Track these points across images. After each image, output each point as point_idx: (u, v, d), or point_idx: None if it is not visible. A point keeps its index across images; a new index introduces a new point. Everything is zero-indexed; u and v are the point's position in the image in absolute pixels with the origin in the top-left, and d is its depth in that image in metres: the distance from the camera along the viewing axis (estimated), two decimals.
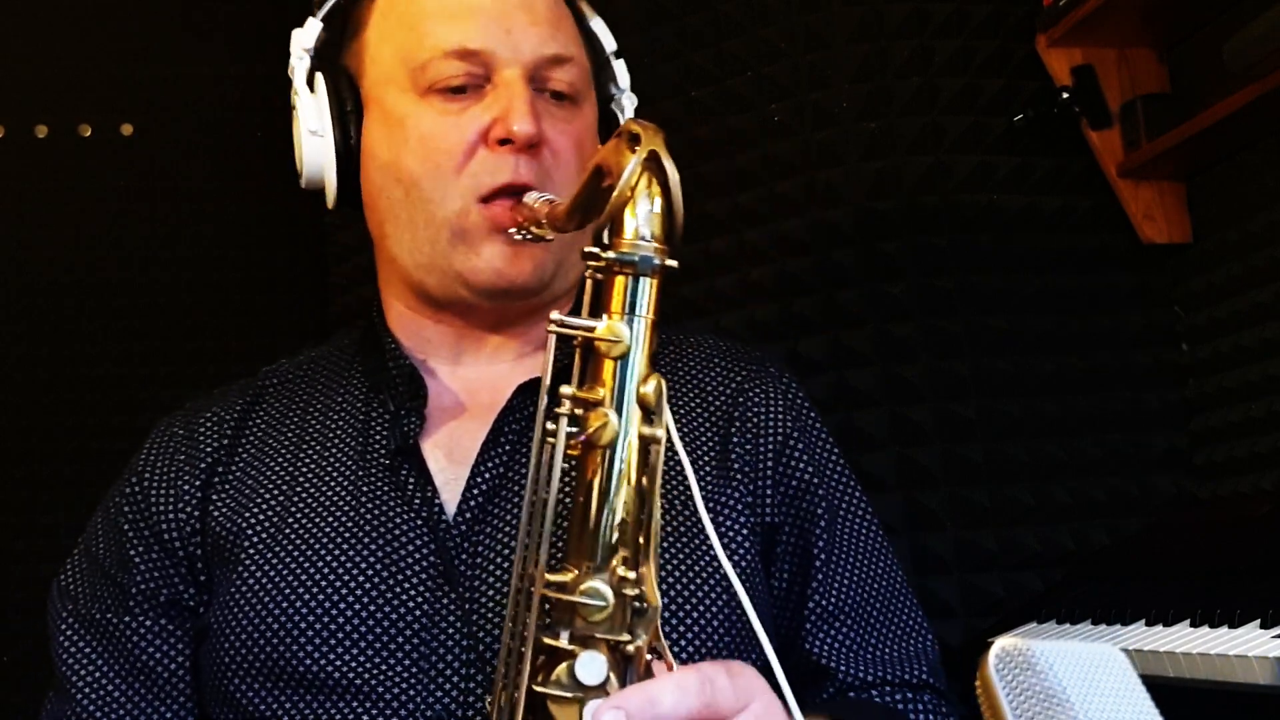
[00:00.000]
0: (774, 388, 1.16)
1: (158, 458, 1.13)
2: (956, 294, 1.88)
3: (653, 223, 0.80)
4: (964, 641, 1.77)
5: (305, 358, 1.22)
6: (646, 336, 0.80)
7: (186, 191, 2.25)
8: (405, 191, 1.09)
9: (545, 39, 1.10)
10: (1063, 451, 1.87)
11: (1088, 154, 1.93)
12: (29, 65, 2.20)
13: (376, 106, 1.12)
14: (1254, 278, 1.80)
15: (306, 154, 1.13)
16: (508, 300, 1.10)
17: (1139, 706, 0.80)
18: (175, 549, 1.08)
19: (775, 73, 1.94)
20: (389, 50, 1.12)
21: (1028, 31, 1.94)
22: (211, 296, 2.26)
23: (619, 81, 1.23)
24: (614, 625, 0.78)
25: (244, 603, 1.02)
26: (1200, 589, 1.48)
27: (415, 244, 1.09)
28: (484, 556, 1.02)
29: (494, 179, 1.06)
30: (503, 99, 1.07)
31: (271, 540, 1.04)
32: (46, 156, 2.21)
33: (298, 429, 1.12)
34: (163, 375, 2.21)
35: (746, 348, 1.21)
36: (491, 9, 1.09)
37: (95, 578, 1.10)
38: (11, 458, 2.17)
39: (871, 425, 1.84)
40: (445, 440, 1.09)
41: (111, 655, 1.07)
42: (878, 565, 1.14)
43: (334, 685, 0.98)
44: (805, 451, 1.13)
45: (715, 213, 1.96)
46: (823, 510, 1.12)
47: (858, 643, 1.09)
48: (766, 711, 0.78)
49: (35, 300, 2.20)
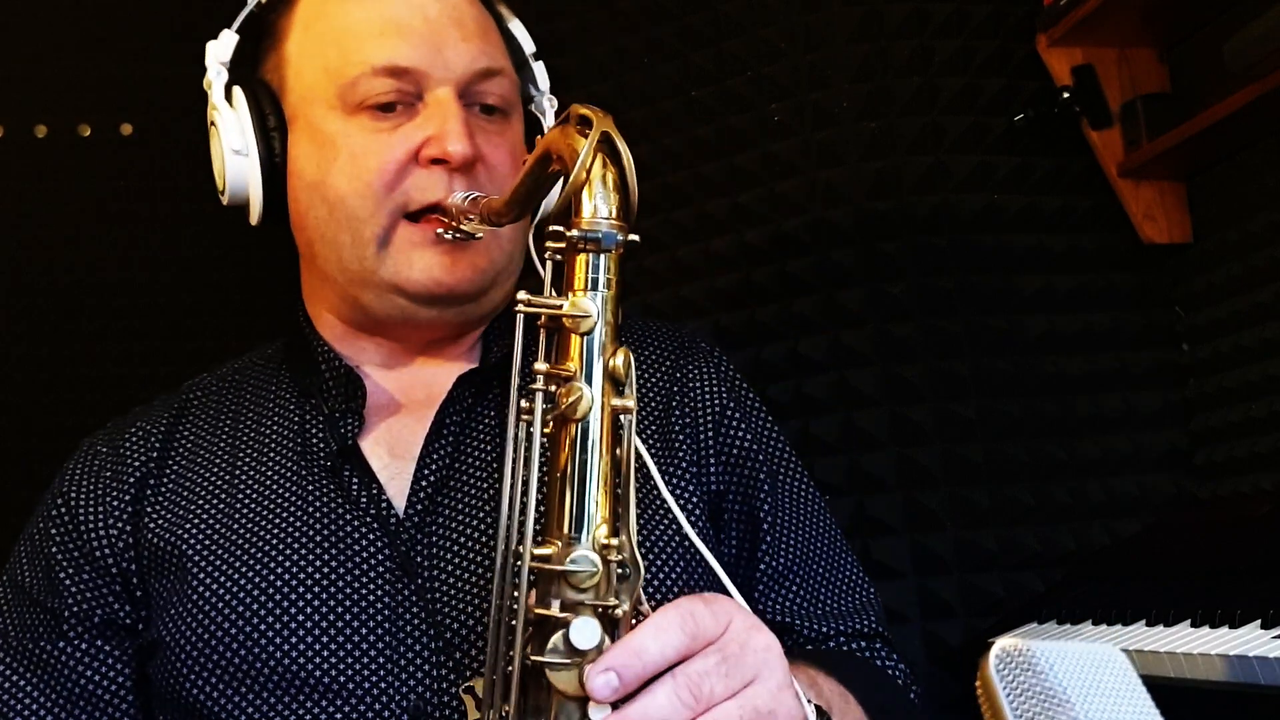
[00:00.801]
0: (707, 362, 1.19)
1: (82, 477, 1.12)
2: (956, 294, 1.88)
3: (610, 201, 0.82)
4: (964, 641, 1.77)
5: (227, 369, 1.22)
6: (611, 310, 0.83)
7: (186, 191, 2.24)
8: (330, 210, 1.08)
9: (476, 54, 1.10)
10: (1063, 451, 1.87)
11: (1088, 154, 1.93)
12: (29, 65, 2.19)
13: (302, 123, 1.11)
14: (1254, 278, 1.80)
15: (229, 172, 1.12)
16: (446, 307, 1.10)
17: (1139, 706, 0.81)
18: (108, 566, 1.06)
19: (775, 73, 1.94)
20: (314, 66, 1.11)
21: (1028, 31, 1.94)
22: (211, 296, 2.26)
23: (539, 84, 1.23)
24: (601, 591, 0.80)
25: (197, 611, 1.01)
26: (1200, 589, 1.49)
27: (346, 260, 1.09)
28: (439, 546, 1.03)
29: (424, 196, 1.06)
30: (436, 118, 1.07)
31: (218, 548, 1.04)
32: (46, 156, 2.20)
33: (230, 437, 1.12)
34: (163, 375, 2.20)
35: (674, 326, 1.24)
36: (421, 25, 1.09)
37: (24, 608, 1.08)
38: (11, 458, 2.17)
39: (871, 425, 1.84)
40: (385, 437, 1.10)
41: (49, 686, 1.05)
42: (820, 525, 1.17)
43: (302, 683, 0.98)
44: (742, 420, 1.16)
45: (715, 213, 1.96)
46: (764, 475, 1.15)
47: (810, 599, 1.13)
48: (747, 626, 0.80)
49: (35, 300, 2.19)
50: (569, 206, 0.82)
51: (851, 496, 1.83)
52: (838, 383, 1.87)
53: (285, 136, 1.11)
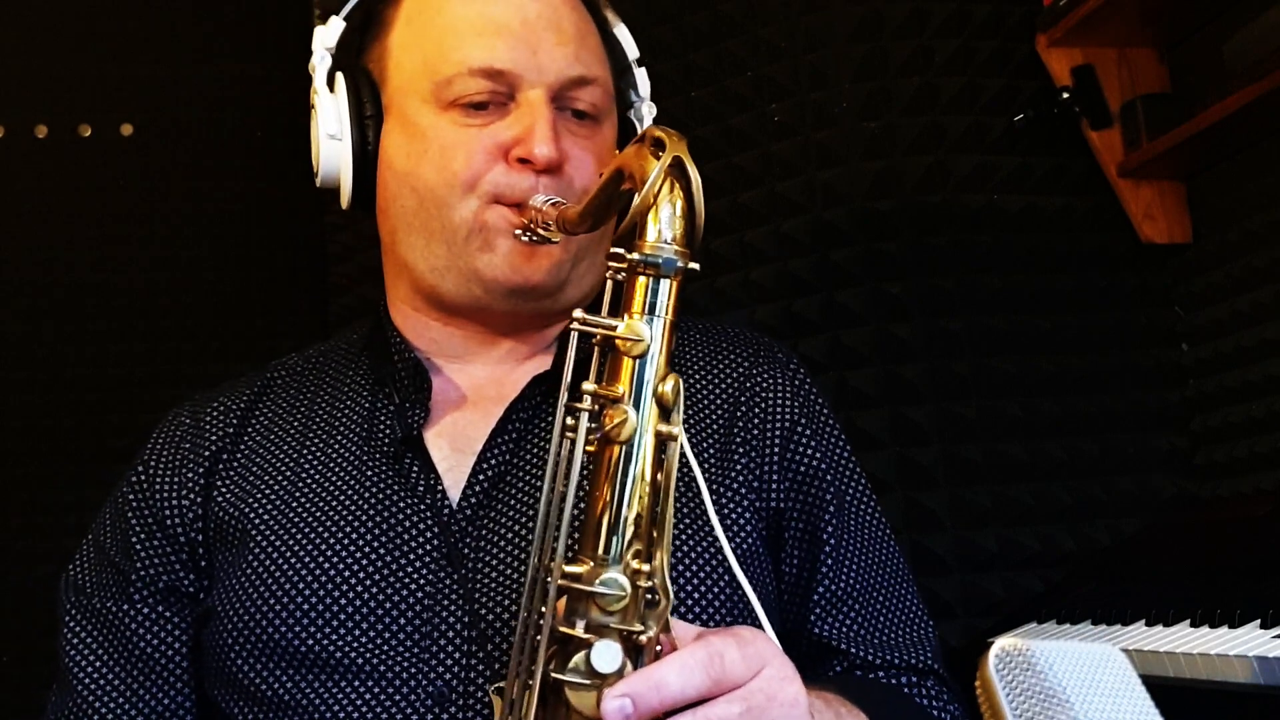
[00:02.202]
0: (782, 374, 1.17)
1: (164, 446, 1.15)
2: (956, 294, 1.88)
3: (675, 226, 0.83)
4: (964, 641, 1.78)
5: (314, 351, 1.24)
6: (665, 336, 0.83)
7: (186, 191, 2.25)
8: (419, 200, 1.10)
9: (570, 60, 1.11)
10: (1063, 451, 1.87)
11: (1088, 154, 1.93)
12: (29, 65, 2.20)
13: (397, 114, 1.12)
14: (1254, 278, 1.80)
15: (323, 156, 1.14)
16: (522, 300, 1.11)
17: (1139, 706, 0.81)
18: (177, 535, 1.10)
19: (775, 73, 1.94)
20: (413, 60, 1.12)
21: (1028, 31, 1.94)
22: (211, 296, 2.26)
23: (639, 89, 1.24)
24: (628, 616, 0.79)
25: (248, 585, 1.04)
26: (1200, 589, 1.48)
27: (429, 249, 1.11)
28: (487, 540, 1.04)
29: (510, 193, 1.08)
30: (525, 119, 1.08)
31: (276, 524, 1.06)
32: (46, 156, 2.20)
33: (304, 419, 1.14)
34: (163, 375, 2.21)
35: (754, 334, 1.22)
36: (519, 27, 1.10)
37: (101, 567, 1.12)
38: (12, 458, 2.17)
39: (871, 425, 1.84)
40: (449, 430, 1.11)
41: (111, 644, 1.09)
42: (884, 552, 1.16)
43: (335, 664, 0.99)
44: (813, 438, 1.15)
45: (716, 213, 1.95)
46: (831, 496, 1.13)
47: (865, 626, 1.11)
48: (779, 675, 0.80)
49: (35, 300, 2.20)
50: (635, 227, 0.83)
51: None
52: (838, 383, 1.87)
53: (380, 125, 1.13)
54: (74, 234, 2.20)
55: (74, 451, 2.24)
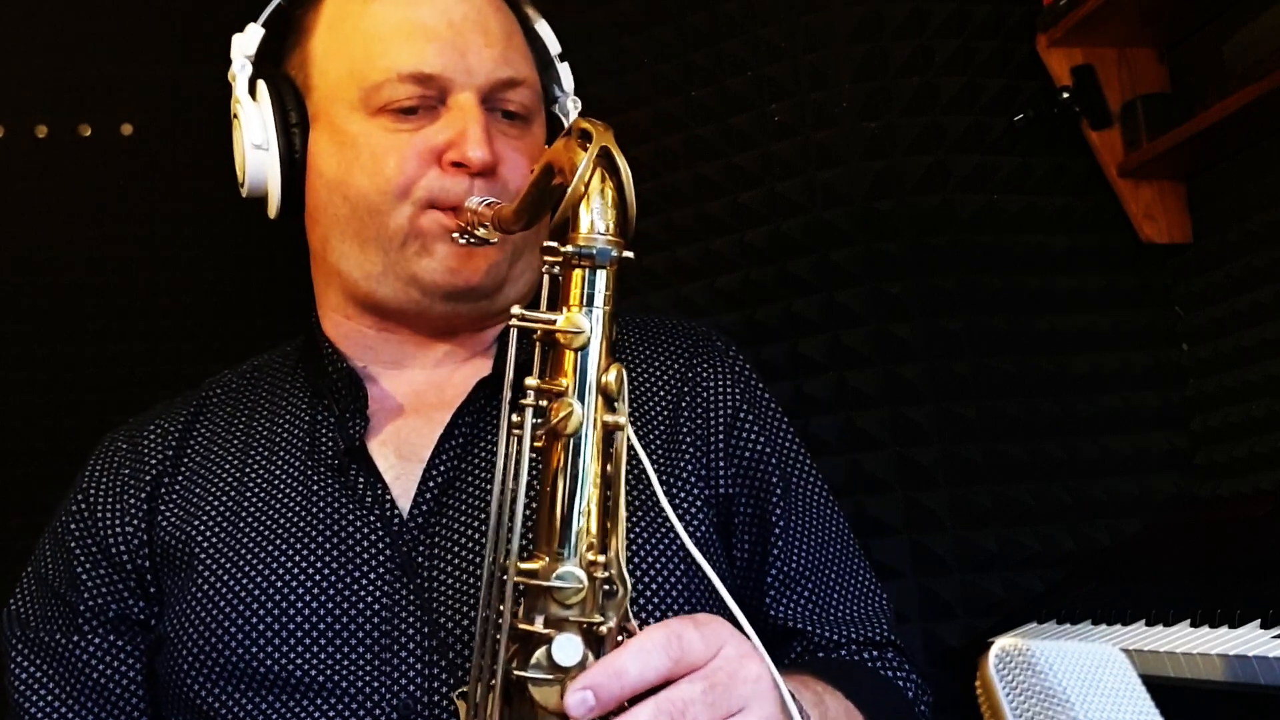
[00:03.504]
0: (721, 362, 1.18)
1: (102, 473, 1.13)
2: (956, 294, 1.88)
3: (607, 216, 0.83)
4: (964, 641, 1.77)
5: (248, 366, 1.23)
6: (605, 326, 0.83)
7: (186, 191, 2.25)
8: (352, 208, 1.09)
9: (499, 62, 1.11)
10: (1063, 451, 1.87)
11: (1088, 154, 1.93)
12: (29, 65, 2.19)
13: (324, 121, 1.12)
14: (1254, 278, 1.80)
15: (250, 166, 1.13)
16: (461, 302, 1.11)
17: (1139, 706, 0.81)
18: (123, 563, 1.08)
19: (775, 73, 1.94)
20: (338, 66, 1.11)
21: (1028, 31, 1.94)
22: (211, 296, 2.26)
23: (563, 84, 1.23)
24: (587, 608, 0.80)
25: (199, 608, 1.02)
26: (1200, 589, 1.48)
27: (364, 255, 1.10)
28: (441, 547, 1.03)
29: (446, 197, 1.07)
30: (457, 122, 1.08)
31: (224, 545, 1.05)
32: (46, 156, 2.20)
33: (244, 436, 1.13)
34: (163, 375, 2.21)
35: (690, 324, 1.23)
36: (446, 31, 1.09)
37: (45, 599, 1.10)
38: (12, 458, 2.17)
39: (871, 425, 1.84)
40: (394, 439, 1.10)
41: (63, 678, 1.07)
42: (832, 529, 1.17)
43: (295, 683, 0.98)
44: (756, 422, 1.15)
45: (715, 213, 1.96)
46: (777, 479, 1.14)
47: (821, 605, 1.12)
48: (739, 654, 0.80)
49: (35, 300, 2.19)
50: (568, 220, 0.83)
51: (851, 496, 1.83)
52: (838, 383, 1.87)
53: (306, 133, 1.13)
54: (74, 234, 2.20)
55: (74, 451, 2.23)
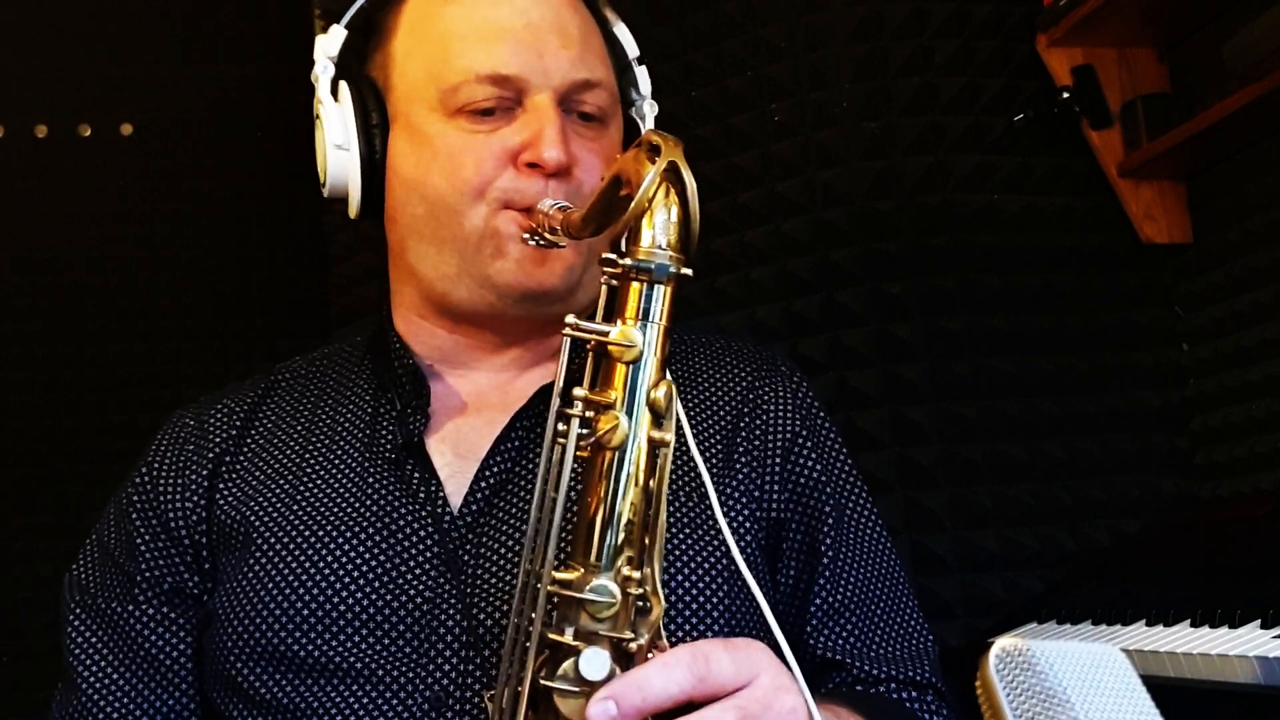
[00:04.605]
0: (784, 387, 1.17)
1: (168, 448, 1.15)
2: (956, 294, 1.88)
3: (669, 232, 0.83)
4: (964, 641, 1.77)
5: (318, 354, 1.24)
6: (659, 342, 0.82)
7: (186, 191, 2.25)
8: (429, 208, 1.09)
9: (576, 63, 1.11)
10: (1063, 451, 1.87)
11: (1088, 154, 1.93)
12: (29, 65, 2.20)
13: (403, 122, 1.12)
14: (1254, 278, 1.80)
15: (331, 166, 1.13)
16: (535, 305, 1.11)
17: (1139, 706, 0.80)
18: (181, 537, 1.10)
19: (775, 73, 1.94)
20: (417, 67, 1.11)
21: (1028, 31, 1.94)
22: (211, 296, 2.26)
23: (640, 88, 1.23)
24: (618, 623, 0.79)
25: (248, 588, 1.04)
26: (1200, 589, 1.48)
27: (440, 257, 1.10)
28: (488, 547, 1.04)
29: (521, 198, 1.07)
30: (533, 124, 1.07)
31: (277, 529, 1.06)
32: (46, 156, 2.21)
33: (307, 422, 1.14)
34: (163, 375, 2.21)
35: (757, 347, 1.22)
36: (524, 31, 1.09)
37: (105, 566, 1.12)
38: (11, 458, 2.17)
39: (871, 425, 1.84)
40: (452, 436, 1.11)
41: (116, 644, 1.09)
42: (883, 564, 1.15)
43: (334, 669, 0.99)
44: (813, 450, 1.14)
45: (716, 212, 1.96)
46: (830, 508, 1.12)
47: (864, 639, 1.10)
48: (775, 685, 0.79)
49: (35, 300, 2.20)
50: (630, 232, 0.83)
51: None
52: (838, 383, 1.87)
53: (386, 134, 1.13)
54: (74, 234, 2.20)
55: (74, 451, 2.24)
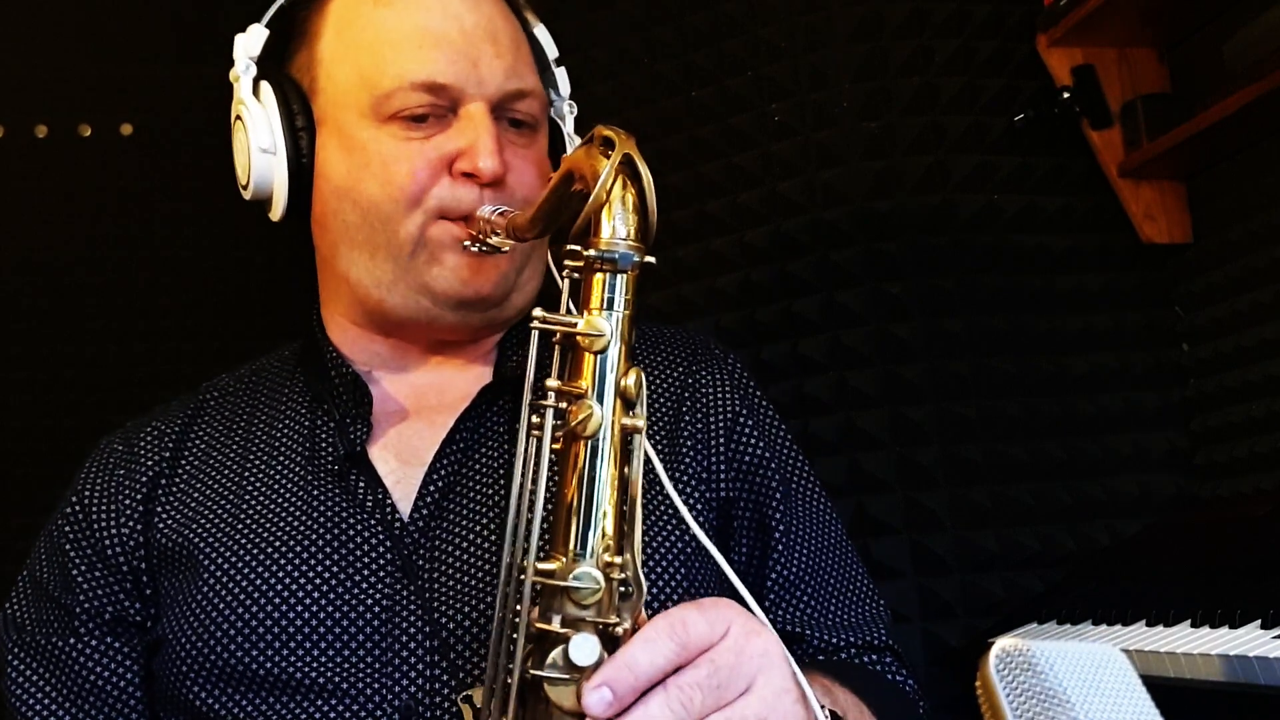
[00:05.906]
0: (720, 369, 1.19)
1: (98, 475, 1.13)
2: (956, 294, 1.88)
3: (629, 222, 0.83)
4: (964, 642, 1.78)
5: (245, 370, 1.23)
6: (625, 330, 0.84)
7: (186, 191, 2.25)
8: (362, 215, 1.09)
9: (510, 73, 1.11)
10: (1063, 451, 1.87)
11: (1088, 154, 1.93)
12: (29, 65, 2.19)
13: (332, 127, 1.11)
14: (1254, 278, 1.80)
15: (254, 169, 1.12)
16: (471, 311, 1.11)
17: (1139, 706, 0.81)
18: (119, 564, 1.08)
19: (775, 73, 1.94)
20: (347, 71, 1.10)
21: (1028, 31, 1.94)
22: (211, 296, 2.26)
23: (560, 89, 1.23)
24: (603, 609, 0.80)
25: (199, 610, 1.02)
26: (1200, 589, 1.48)
27: (374, 264, 1.10)
28: (443, 550, 1.03)
29: (458, 207, 1.07)
30: (468, 132, 1.07)
31: (223, 548, 1.05)
32: (46, 156, 2.20)
33: (243, 439, 1.13)
34: (163, 375, 2.21)
35: (687, 332, 1.24)
36: (458, 39, 1.09)
37: (41, 603, 1.10)
38: (11, 458, 2.17)
39: (871, 425, 1.84)
40: (394, 442, 1.10)
41: (60, 682, 1.07)
42: (831, 534, 1.17)
43: (295, 685, 0.98)
44: (755, 428, 1.16)
45: (716, 213, 1.96)
46: (777, 483, 1.14)
47: (820, 609, 1.12)
48: (745, 631, 0.80)
49: (35, 300, 2.19)
50: (589, 225, 0.83)
51: (851, 496, 1.83)
52: (838, 383, 1.87)
53: (313, 137, 1.12)
54: (74, 234, 2.20)
55: (74, 451, 2.24)
